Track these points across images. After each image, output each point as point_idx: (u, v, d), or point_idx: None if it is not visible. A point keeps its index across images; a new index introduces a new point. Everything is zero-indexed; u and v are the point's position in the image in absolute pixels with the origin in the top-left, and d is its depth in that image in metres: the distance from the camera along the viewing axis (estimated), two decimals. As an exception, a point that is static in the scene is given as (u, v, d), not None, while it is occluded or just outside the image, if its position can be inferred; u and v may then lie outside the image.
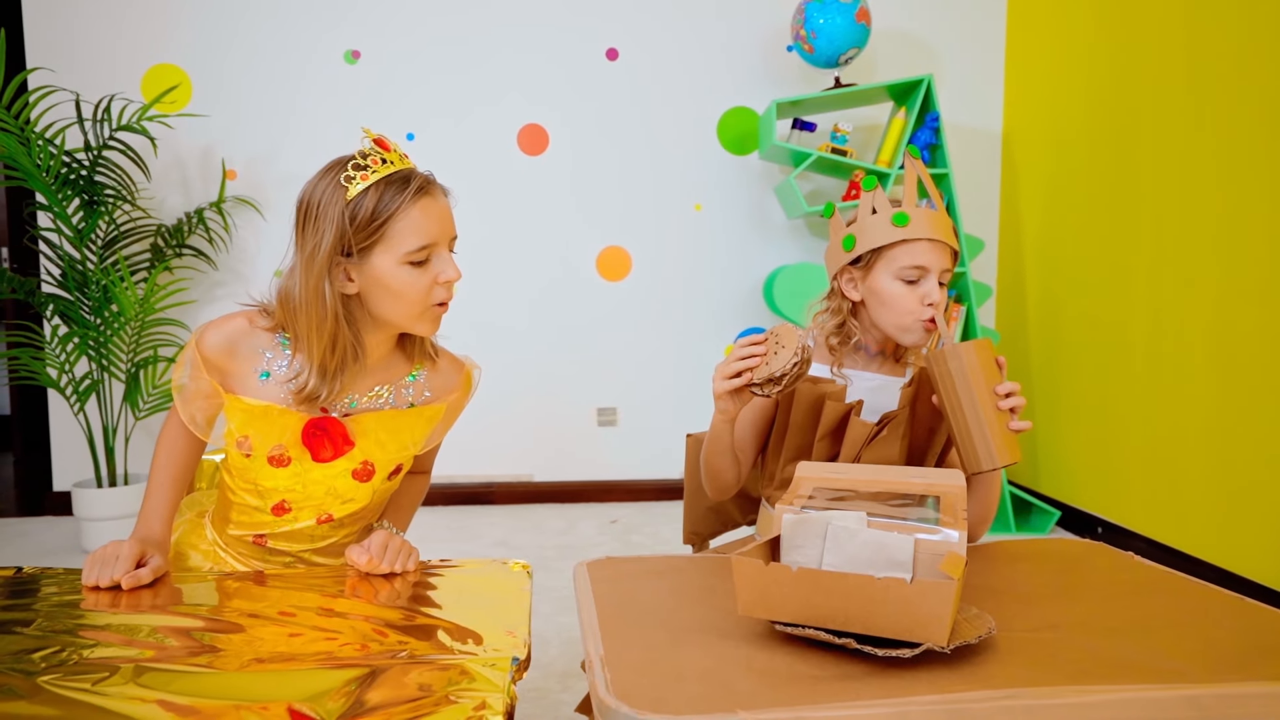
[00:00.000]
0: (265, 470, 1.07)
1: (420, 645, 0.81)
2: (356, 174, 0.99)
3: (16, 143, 2.61)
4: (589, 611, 0.88)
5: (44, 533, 3.05)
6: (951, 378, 1.01)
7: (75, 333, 2.78)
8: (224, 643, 0.81)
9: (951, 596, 0.70)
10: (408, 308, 1.02)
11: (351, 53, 3.22)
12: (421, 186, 1.01)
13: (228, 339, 1.05)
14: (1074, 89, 2.97)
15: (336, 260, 0.99)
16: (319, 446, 1.04)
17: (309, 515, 1.11)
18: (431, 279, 1.02)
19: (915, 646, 0.72)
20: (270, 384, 1.05)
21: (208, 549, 1.18)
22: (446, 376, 1.16)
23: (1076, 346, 2.95)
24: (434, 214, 1.01)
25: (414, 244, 1.00)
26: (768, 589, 0.77)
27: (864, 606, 0.73)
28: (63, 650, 0.79)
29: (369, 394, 1.09)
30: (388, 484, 1.14)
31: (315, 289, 0.99)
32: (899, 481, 0.91)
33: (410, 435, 1.12)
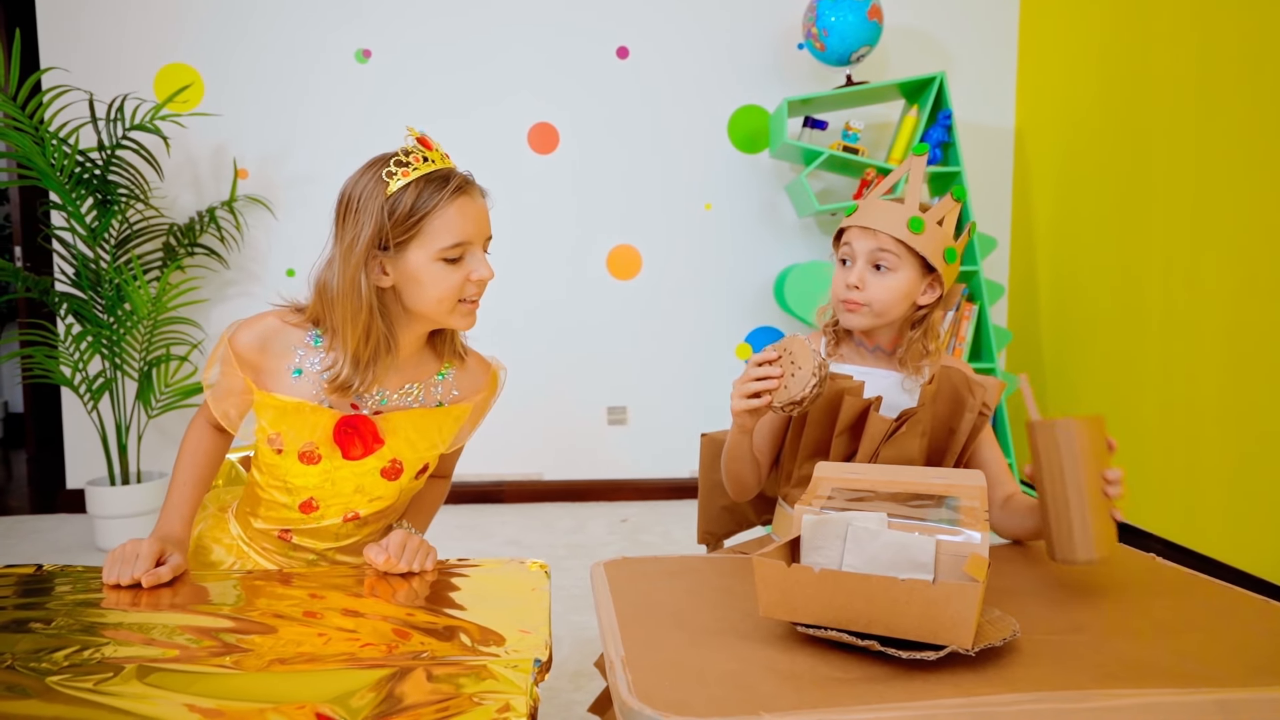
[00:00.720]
0: (296, 467, 1.08)
1: (442, 646, 0.80)
2: (398, 170, 1.01)
3: (31, 142, 2.62)
4: (608, 612, 0.87)
5: (57, 530, 3.06)
6: (1059, 455, 0.92)
7: (88, 331, 2.80)
8: (247, 643, 0.82)
9: (976, 599, 0.69)
10: (439, 303, 1.04)
11: (363, 51, 3.23)
12: (460, 186, 1.03)
13: (260, 336, 1.07)
14: (1086, 86, 2.95)
15: (373, 253, 1.01)
16: (349, 444, 1.06)
17: (336, 513, 1.12)
18: (464, 276, 1.04)
19: (939, 649, 0.72)
20: (303, 381, 1.06)
21: (231, 543, 1.19)
22: (474, 376, 1.18)
23: (1089, 345, 2.93)
24: (470, 213, 1.04)
25: (449, 241, 1.02)
26: (790, 590, 0.77)
27: (888, 608, 0.73)
28: (83, 649, 0.79)
29: (399, 391, 1.10)
30: (414, 483, 1.15)
31: (352, 280, 1.01)
32: (919, 482, 0.90)
33: (438, 434, 1.13)
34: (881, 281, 1.17)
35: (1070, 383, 3.05)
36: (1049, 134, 3.21)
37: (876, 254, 1.17)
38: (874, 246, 1.17)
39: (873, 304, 1.17)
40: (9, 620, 0.87)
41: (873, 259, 1.17)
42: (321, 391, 1.06)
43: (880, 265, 1.17)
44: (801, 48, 3.29)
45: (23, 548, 2.87)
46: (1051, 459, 0.92)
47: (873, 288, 1.17)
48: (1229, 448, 2.30)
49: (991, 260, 3.42)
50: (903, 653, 0.72)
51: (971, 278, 3.04)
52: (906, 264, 1.17)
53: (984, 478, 0.86)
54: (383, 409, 1.09)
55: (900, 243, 1.15)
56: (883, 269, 1.17)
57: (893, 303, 1.18)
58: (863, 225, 1.18)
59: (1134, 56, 2.71)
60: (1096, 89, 2.90)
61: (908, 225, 1.15)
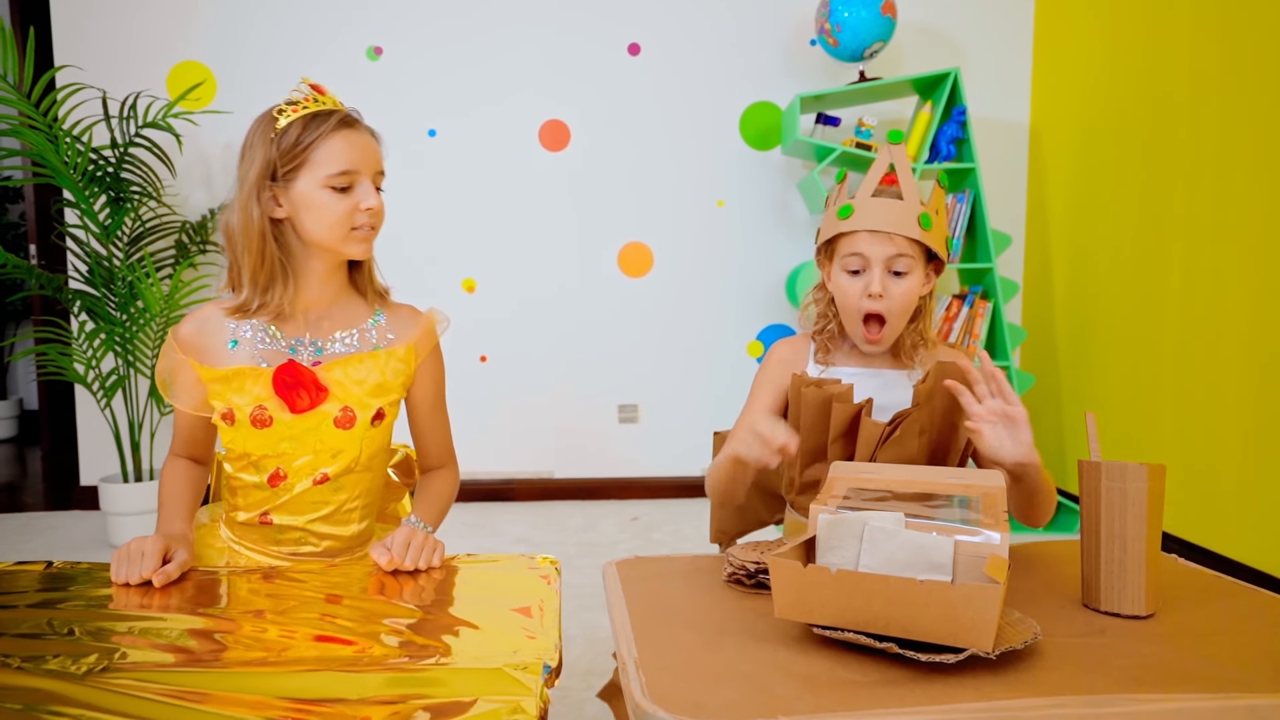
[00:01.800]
0: (252, 436, 1.11)
1: (449, 647, 0.79)
2: (288, 108, 1.09)
3: (45, 140, 2.63)
4: (620, 612, 0.86)
5: (71, 526, 3.08)
6: (1124, 503, 0.85)
7: (101, 329, 2.81)
8: (251, 644, 0.81)
9: (997, 601, 0.68)
10: (331, 229, 1.10)
11: (374, 49, 3.22)
12: (344, 119, 1.10)
13: (197, 322, 1.14)
14: (1103, 80, 2.92)
15: (265, 184, 1.08)
16: (294, 397, 1.10)
17: (304, 476, 1.14)
18: (353, 204, 1.10)
19: (959, 652, 0.70)
20: (240, 349, 1.12)
21: (222, 547, 1.21)
22: (407, 320, 1.23)
23: (1106, 343, 2.90)
24: (355, 144, 1.10)
25: (334, 168, 1.08)
26: (805, 591, 0.76)
27: (906, 610, 0.71)
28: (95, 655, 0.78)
29: (330, 339, 1.15)
30: (374, 432, 1.16)
31: (245, 209, 1.08)
32: (935, 482, 0.88)
33: (382, 377, 1.16)
34: (900, 286, 1.12)
35: (1086, 382, 3.01)
36: (1065, 130, 3.17)
37: (896, 259, 1.11)
38: (892, 251, 1.11)
39: (893, 313, 1.13)
40: (18, 620, 0.87)
41: (891, 264, 1.12)
42: (258, 355, 1.11)
43: (897, 270, 1.12)
44: (814, 44, 3.27)
45: (37, 543, 2.89)
46: (1113, 506, 0.85)
47: (895, 295, 1.12)
48: (1249, 448, 2.27)
49: (1006, 257, 3.39)
50: (922, 655, 0.70)
51: (986, 275, 3.01)
52: (918, 264, 1.14)
53: (1002, 478, 0.84)
54: (320, 359, 1.13)
55: (914, 242, 1.12)
56: (900, 273, 1.12)
57: (909, 306, 1.15)
58: (873, 229, 1.12)
59: (1152, 50, 2.67)
60: (1113, 83, 2.86)
61: (919, 223, 1.11)
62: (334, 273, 1.16)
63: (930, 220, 1.12)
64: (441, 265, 3.31)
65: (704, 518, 3.15)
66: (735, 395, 3.40)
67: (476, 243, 3.32)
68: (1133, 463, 0.85)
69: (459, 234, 3.31)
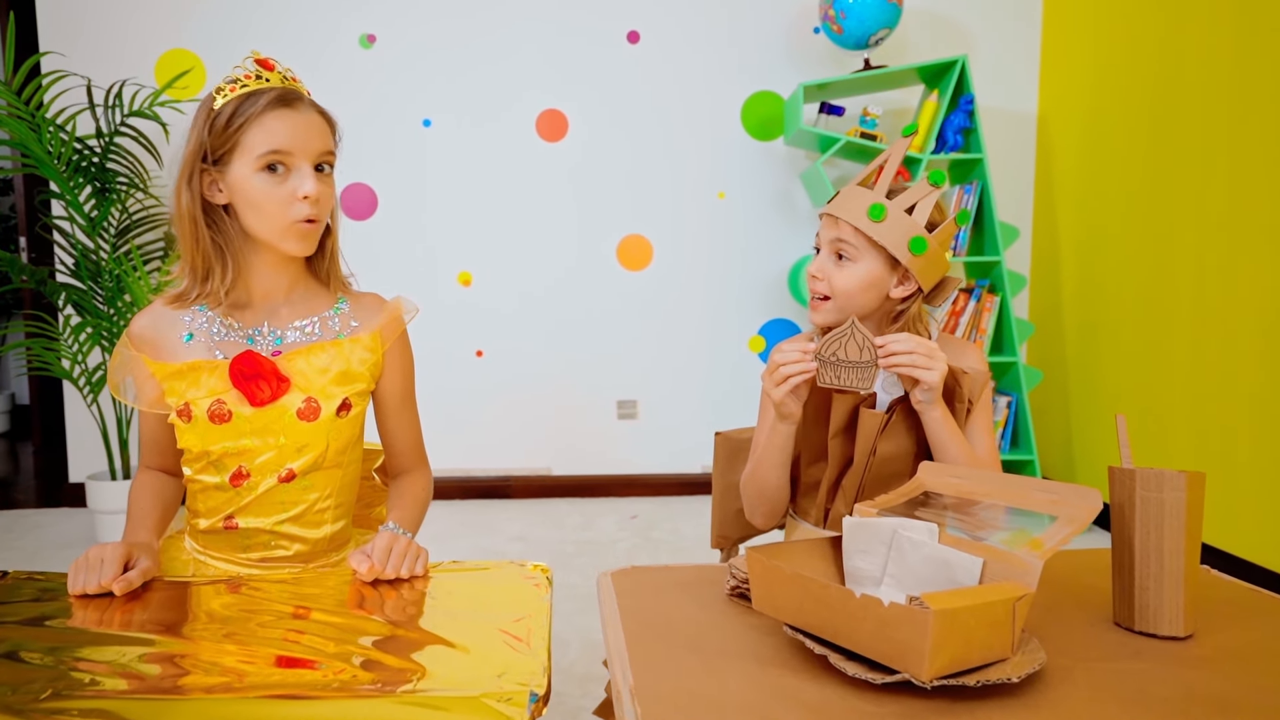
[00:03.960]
0: (211, 431, 1.05)
1: (426, 673, 0.73)
2: (227, 86, 1.02)
3: (27, 129, 2.56)
4: (615, 631, 0.80)
5: (59, 525, 3.02)
6: (1161, 515, 0.78)
7: (88, 323, 2.74)
8: (209, 668, 0.74)
9: (927, 627, 0.62)
10: (269, 220, 1.03)
11: (367, 37, 3.15)
12: (280, 96, 1.02)
13: (150, 317, 1.09)
14: (1113, 68, 2.84)
15: (201, 167, 1.02)
16: (254, 389, 1.04)
17: (268, 473, 1.08)
18: (289, 192, 1.02)
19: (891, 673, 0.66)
20: (194, 343, 1.07)
21: (187, 559, 1.14)
22: (371, 308, 1.16)
23: (1115, 339, 2.83)
24: (290, 123, 1.02)
25: (264, 148, 1.00)
26: (773, 587, 0.74)
27: (846, 622, 0.68)
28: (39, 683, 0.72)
29: (291, 327, 1.09)
30: (340, 424, 1.09)
31: (177, 193, 1.03)
32: (1022, 495, 0.82)
33: (346, 365, 1.10)
34: (841, 271, 1.10)
35: (1095, 378, 2.94)
36: (1073, 120, 3.10)
37: (837, 243, 1.10)
38: (834, 235, 1.10)
39: (835, 297, 1.11)
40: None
41: (835, 248, 1.11)
42: (214, 347, 1.06)
43: (842, 255, 1.10)
44: (818, 31, 3.19)
45: (23, 542, 2.83)
46: (1149, 517, 0.78)
47: (834, 278, 1.11)
48: (1264, 447, 2.20)
49: (1014, 250, 3.32)
50: (849, 669, 0.67)
51: (993, 268, 2.94)
52: (869, 254, 1.09)
53: (1099, 499, 0.77)
54: (280, 349, 1.08)
55: (860, 232, 1.08)
56: (844, 259, 1.10)
57: (854, 293, 1.10)
58: (828, 213, 1.12)
59: (1164, 36, 2.60)
60: (1123, 71, 2.79)
61: (867, 212, 1.07)
62: (288, 261, 1.09)
63: (883, 212, 1.06)
64: (437, 258, 3.24)
65: (704, 516, 3.09)
66: (737, 391, 3.34)
67: (472, 235, 3.25)
68: (1170, 470, 0.78)
69: (454, 226, 3.24)
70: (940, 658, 0.63)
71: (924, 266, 1.08)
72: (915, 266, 1.07)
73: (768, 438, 1.12)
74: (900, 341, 1.01)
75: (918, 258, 1.07)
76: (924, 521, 0.82)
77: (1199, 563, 0.80)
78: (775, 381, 1.04)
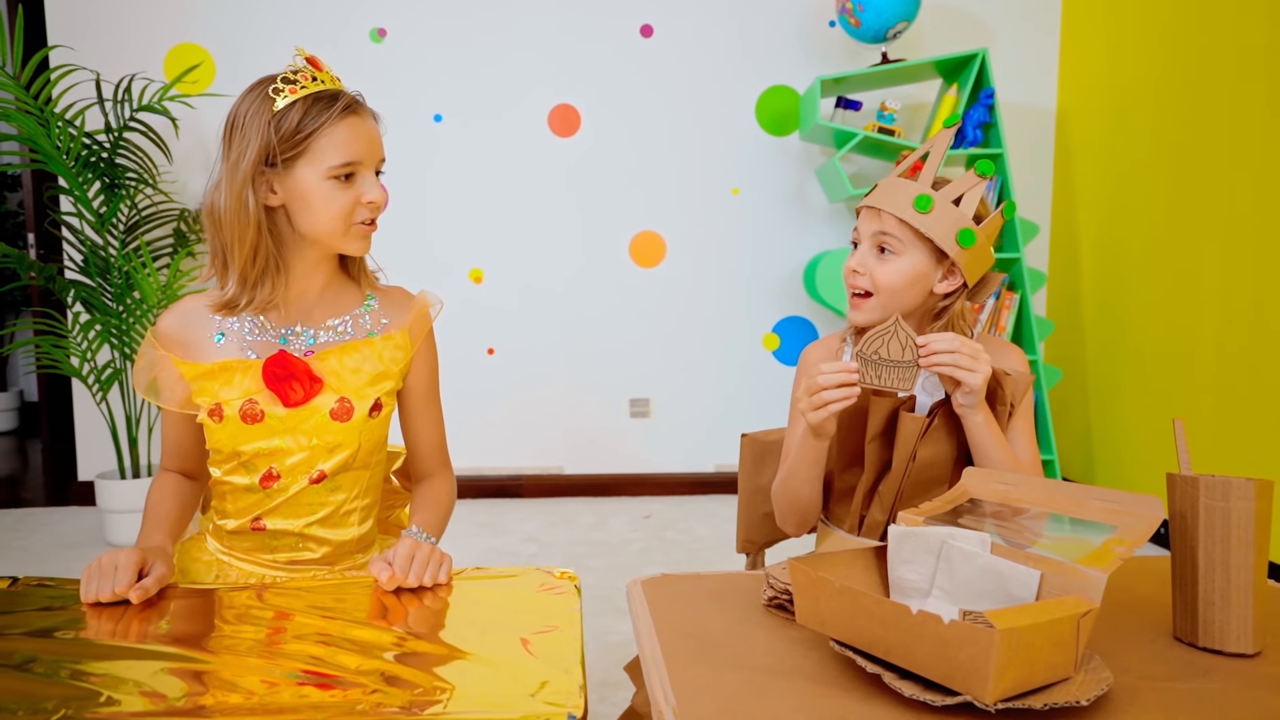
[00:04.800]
0: (242, 432, 1.03)
1: (455, 691, 0.69)
2: (285, 87, 0.99)
3: (36, 124, 2.53)
4: (651, 645, 0.76)
5: (67, 523, 3.00)
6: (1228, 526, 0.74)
7: (97, 320, 2.72)
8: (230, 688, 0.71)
9: (993, 647, 0.58)
10: (331, 223, 1.02)
11: (377, 31, 3.12)
12: (349, 105, 1.01)
13: (178, 315, 1.06)
14: (1135, 62, 2.79)
15: (261, 170, 0.99)
16: (287, 389, 1.02)
17: (299, 475, 1.06)
18: (354, 197, 1.02)
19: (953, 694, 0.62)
20: (226, 343, 1.04)
21: (210, 560, 1.12)
22: (400, 305, 1.14)
23: (1138, 339, 2.78)
24: (360, 133, 1.01)
25: (337, 160, 0.99)
26: (820, 601, 0.70)
27: (901, 639, 0.64)
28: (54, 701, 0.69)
29: (324, 327, 1.07)
30: (372, 424, 1.08)
31: (239, 197, 0.99)
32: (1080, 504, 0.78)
33: (379, 365, 1.08)
34: (884, 266, 1.06)
35: (1115, 377, 2.90)
36: (1094, 114, 3.05)
37: (880, 236, 1.06)
38: (878, 228, 1.06)
39: (878, 293, 1.07)
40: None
41: (876, 241, 1.06)
42: (247, 347, 1.04)
43: (885, 248, 1.06)
44: (834, 25, 3.14)
45: (32, 540, 2.81)
46: (1214, 527, 0.74)
47: (876, 272, 1.06)
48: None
49: (1033, 247, 3.27)
50: (906, 690, 0.63)
51: (1013, 265, 2.90)
52: (914, 247, 1.04)
53: (1161, 508, 0.73)
54: (313, 349, 1.06)
55: (905, 224, 1.03)
56: (887, 252, 1.06)
57: (898, 289, 1.06)
58: (870, 205, 1.07)
59: (1190, 30, 2.54)
60: (1146, 65, 2.74)
61: (913, 204, 1.02)
62: (325, 260, 1.08)
63: (929, 202, 1.02)
64: (448, 255, 3.21)
65: (718, 515, 3.06)
66: (750, 390, 3.30)
67: (484, 232, 3.21)
68: (1237, 478, 0.74)
69: (466, 223, 3.21)
70: (1005, 679, 0.60)
71: (971, 260, 1.04)
72: (962, 260, 1.03)
73: (799, 451, 1.08)
74: (943, 340, 0.97)
75: (965, 250, 1.03)
76: (974, 531, 0.78)
77: (1266, 575, 0.76)
78: (814, 405, 0.99)
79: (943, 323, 1.08)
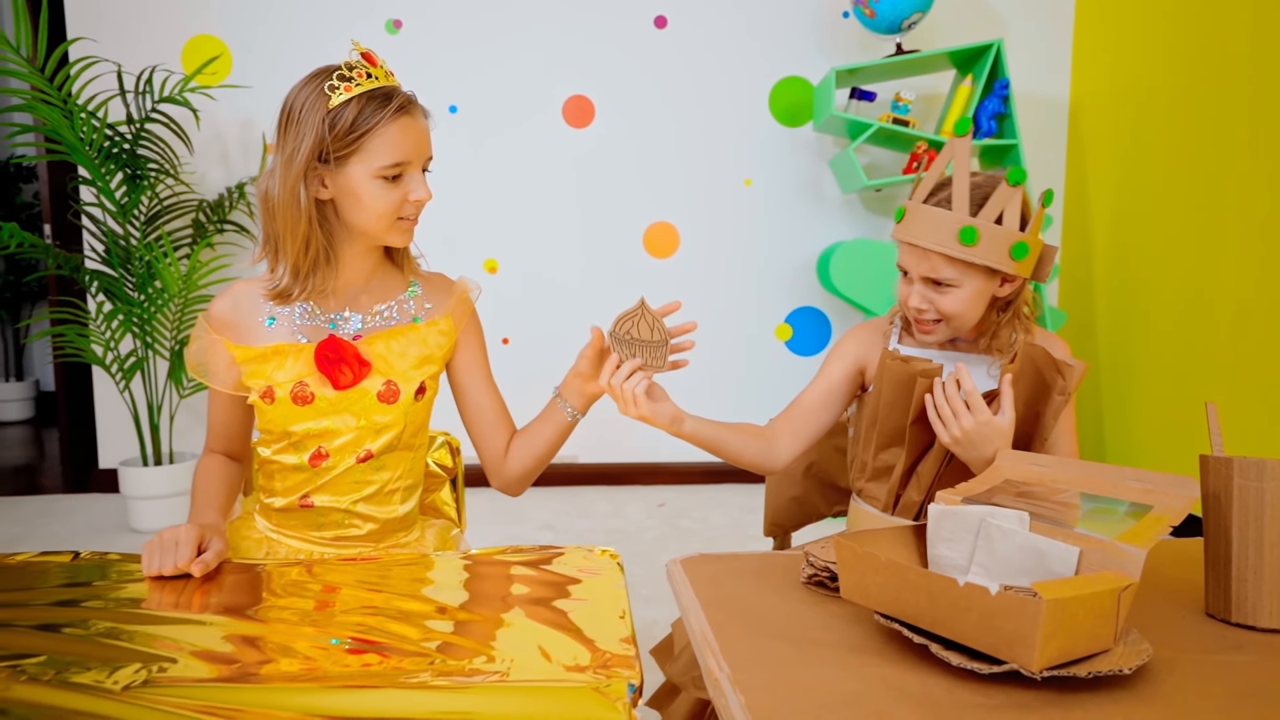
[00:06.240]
0: (292, 413, 1.06)
1: (521, 659, 0.72)
2: (341, 84, 1.01)
3: (60, 116, 2.56)
4: (698, 619, 0.79)
5: (91, 509, 3.04)
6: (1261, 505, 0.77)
7: (119, 309, 2.74)
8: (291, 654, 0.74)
9: (1039, 616, 0.60)
10: (377, 219, 1.04)
11: (393, 22, 3.13)
12: (403, 105, 1.03)
13: (230, 299, 1.10)
14: (1150, 52, 2.79)
15: (314, 166, 1.01)
16: (337, 373, 1.06)
17: (348, 454, 1.09)
18: (401, 196, 1.04)
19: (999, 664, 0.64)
20: (277, 327, 1.08)
21: (259, 538, 1.15)
22: (442, 290, 1.18)
23: (1151, 331, 2.80)
24: (411, 133, 1.03)
25: (388, 160, 1.01)
26: (865, 575, 0.73)
27: (949, 611, 0.67)
28: (135, 665, 0.72)
29: (371, 312, 1.11)
30: (417, 406, 1.12)
31: (292, 191, 1.01)
32: (1113, 484, 0.80)
33: (424, 349, 1.12)
34: (945, 298, 1.08)
35: (1128, 371, 2.91)
36: (1108, 105, 3.05)
37: (931, 275, 1.07)
38: (928, 268, 1.07)
39: (947, 320, 1.09)
40: (45, 620, 0.80)
41: (930, 279, 1.08)
42: (297, 331, 1.07)
43: (940, 282, 1.07)
44: (848, 15, 3.15)
45: (58, 526, 2.84)
46: (1248, 507, 0.77)
47: (940, 304, 1.08)
48: (1309, 436, 2.17)
49: (1045, 238, 3.28)
50: (953, 658, 0.65)
51: (1026, 256, 2.91)
52: (969, 275, 1.06)
53: (1197, 487, 0.76)
54: (359, 333, 1.09)
55: (954, 260, 1.05)
56: (943, 285, 1.07)
57: (967, 313, 1.09)
58: (909, 242, 1.08)
59: (1205, 19, 2.55)
60: (1161, 55, 2.74)
61: (958, 238, 1.03)
62: (372, 249, 1.11)
63: (975, 235, 1.02)
64: (463, 245, 3.23)
65: (731, 504, 3.09)
66: (763, 380, 3.32)
67: (498, 222, 3.23)
68: (1271, 459, 0.77)
69: (480, 213, 3.23)
70: (1050, 648, 0.62)
71: (1028, 262, 1.06)
72: (1021, 267, 1.06)
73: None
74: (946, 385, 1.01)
75: (1021, 262, 1.05)
76: (1012, 509, 0.80)
77: None
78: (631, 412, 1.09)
79: (1010, 314, 1.11)
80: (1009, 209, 1.04)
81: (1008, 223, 1.03)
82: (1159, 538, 0.71)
